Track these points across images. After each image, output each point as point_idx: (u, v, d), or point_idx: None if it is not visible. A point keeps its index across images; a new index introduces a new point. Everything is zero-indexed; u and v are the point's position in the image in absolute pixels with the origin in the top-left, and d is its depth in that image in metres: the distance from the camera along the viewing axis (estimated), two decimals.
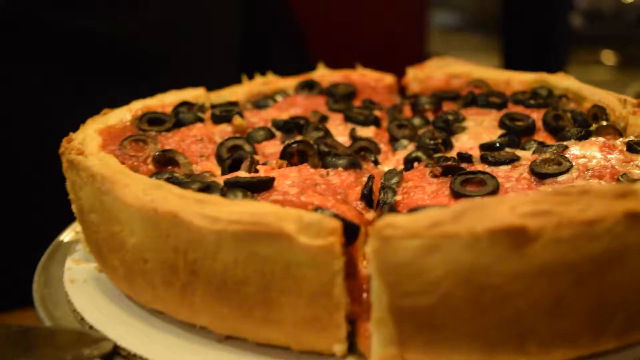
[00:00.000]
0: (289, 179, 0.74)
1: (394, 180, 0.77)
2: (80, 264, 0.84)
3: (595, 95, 0.96)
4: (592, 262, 0.54)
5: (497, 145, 0.84)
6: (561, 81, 1.03)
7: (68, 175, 0.77)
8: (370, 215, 0.73)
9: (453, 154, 0.86)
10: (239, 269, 0.58)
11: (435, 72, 1.13)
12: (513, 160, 0.78)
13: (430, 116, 1.00)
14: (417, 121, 0.98)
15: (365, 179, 0.77)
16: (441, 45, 1.16)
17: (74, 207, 0.81)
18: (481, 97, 1.01)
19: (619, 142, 0.81)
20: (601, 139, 0.81)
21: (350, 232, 0.61)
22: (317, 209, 0.63)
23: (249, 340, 0.64)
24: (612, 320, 0.57)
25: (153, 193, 0.63)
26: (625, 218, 0.54)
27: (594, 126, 0.88)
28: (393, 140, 0.95)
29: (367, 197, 0.74)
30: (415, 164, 0.84)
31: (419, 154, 0.86)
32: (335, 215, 0.61)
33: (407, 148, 0.92)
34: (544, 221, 0.53)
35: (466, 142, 0.90)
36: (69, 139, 0.83)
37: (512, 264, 0.53)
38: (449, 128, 0.93)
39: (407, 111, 1.05)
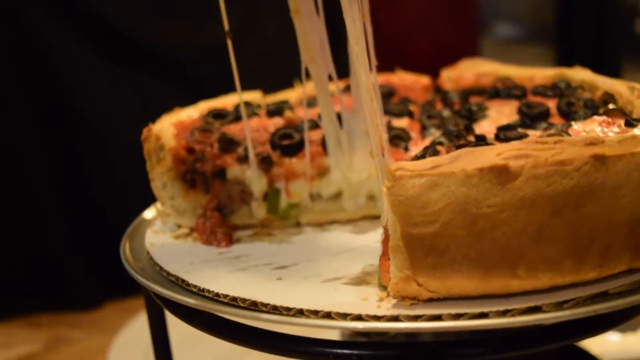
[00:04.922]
0: None
1: None
2: (158, 234, 1.01)
3: (606, 84, 1.07)
4: (565, 195, 0.66)
5: (511, 126, 0.96)
6: (578, 74, 1.14)
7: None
8: None
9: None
10: None
11: (466, 72, 1.26)
12: (521, 137, 0.90)
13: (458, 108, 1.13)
14: (445, 113, 1.11)
15: None
16: (500, 57, 1.27)
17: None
18: (503, 90, 1.13)
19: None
20: (602, 117, 0.93)
21: None
22: None
23: None
24: (590, 248, 0.68)
25: None
26: (592, 159, 0.66)
27: (602, 110, 1.00)
28: (423, 129, 1.08)
29: None
30: (439, 147, 0.97)
31: (443, 139, 0.99)
32: None
33: (434, 135, 1.05)
34: (523, 162, 0.65)
35: (486, 127, 1.02)
36: (148, 128, 1.01)
37: (499, 197, 0.66)
38: (472, 116, 1.06)
39: (439, 106, 1.18)
